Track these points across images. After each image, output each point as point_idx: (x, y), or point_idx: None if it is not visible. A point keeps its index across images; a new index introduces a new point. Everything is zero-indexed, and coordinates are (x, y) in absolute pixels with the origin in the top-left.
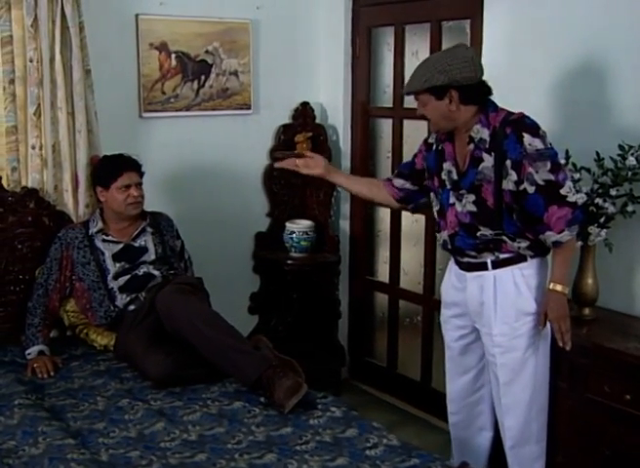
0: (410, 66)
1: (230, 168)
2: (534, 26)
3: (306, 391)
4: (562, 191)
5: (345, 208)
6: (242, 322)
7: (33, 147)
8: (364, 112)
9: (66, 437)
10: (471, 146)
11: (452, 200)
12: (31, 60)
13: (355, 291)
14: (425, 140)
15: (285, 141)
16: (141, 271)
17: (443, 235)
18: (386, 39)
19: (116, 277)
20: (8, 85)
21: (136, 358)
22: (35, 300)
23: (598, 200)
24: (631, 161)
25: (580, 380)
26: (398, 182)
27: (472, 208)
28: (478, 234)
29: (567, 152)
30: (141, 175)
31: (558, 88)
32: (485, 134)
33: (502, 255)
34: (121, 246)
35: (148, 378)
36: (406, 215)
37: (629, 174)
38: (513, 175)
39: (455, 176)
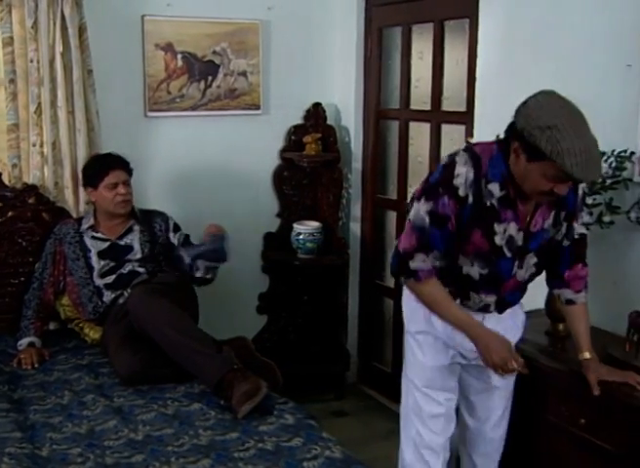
0: (415, 68)
1: (239, 168)
2: (528, 25)
3: (267, 395)
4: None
5: (356, 209)
6: (251, 321)
7: (34, 145)
8: (375, 114)
9: (15, 430)
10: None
11: (514, 270)
12: (32, 61)
13: (364, 294)
14: (455, 193)
15: (295, 142)
16: (127, 269)
17: (487, 299)
18: (396, 40)
19: (102, 275)
20: (9, 84)
21: (109, 354)
22: (30, 293)
23: None
24: (604, 168)
25: (541, 402)
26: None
27: (533, 269)
28: (527, 286)
29: None
30: (130, 172)
31: (547, 87)
32: None
33: None
34: (107, 244)
35: (118, 375)
36: None
37: (607, 182)
38: (564, 228)
39: (519, 242)
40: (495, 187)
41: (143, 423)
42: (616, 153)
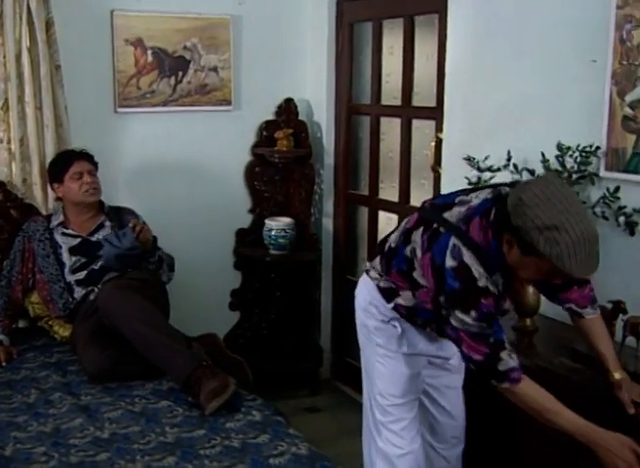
0: (386, 64)
1: (211, 164)
2: (495, 21)
3: (235, 393)
4: None
5: (328, 205)
6: (223, 318)
7: (1, 141)
8: (347, 109)
9: None
10: None
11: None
12: None
13: (337, 290)
14: (486, 292)
15: (267, 138)
16: (98, 265)
17: None
18: (367, 35)
19: (73, 271)
20: None
21: (77, 352)
22: None
23: None
24: (569, 162)
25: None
26: None
27: None
28: None
29: (508, 152)
30: (95, 164)
31: (516, 83)
32: None
33: None
34: (79, 240)
35: (86, 373)
36: (382, 215)
37: (573, 176)
38: None
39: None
40: (497, 277)
41: (110, 421)
42: (581, 148)
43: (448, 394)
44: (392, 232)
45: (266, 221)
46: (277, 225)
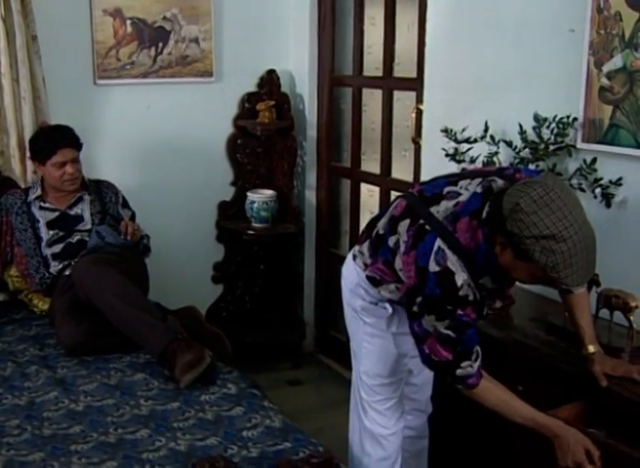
0: (368, 34)
1: (192, 136)
2: None
3: (211, 365)
4: None
5: (311, 178)
6: (206, 291)
7: None
8: (329, 80)
9: None
10: None
11: None
12: None
13: (320, 263)
14: (465, 301)
15: (250, 110)
16: (75, 239)
17: None
18: (348, 5)
19: (50, 244)
20: None
21: (55, 325)
22: None
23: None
24: (546, 134)
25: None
26: None
27: None
28: None
29: (485, 123)
30: (79, 148)
31: (494, 54)
32: None
33: None
34: (57, 214)
35: (62, 346)
36: (364, 187)
37: (550, 148)
38: None
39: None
40: (487, 281)
41: (85, 394)
42: (558, 119)
43: (423, 372)
44: (381, 215)
45: (249, 194)
46: (259, 198)
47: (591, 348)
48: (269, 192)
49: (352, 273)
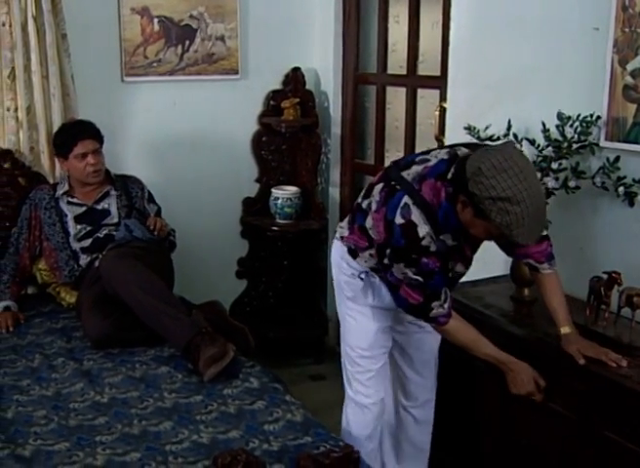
0: (392, 32)
1: (218, 133)
2: None
3: (234, 359)
4: None
5: (335, 174)
6: (230, 286)
7: (8, 109)
8: (353, 78)
9: None
10: None
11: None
12: (4, 24)
13: None
14: (427, 251)
15: (274, 107)
16: (103, 233)
17: None
18: (373, 3)
19: (79, 239)
20: None
21: (81, 318)
22: (6, 258)
23: (539, 174)
24: (569, 132)
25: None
26: None
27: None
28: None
29: (508, 122)
30: (101, 140)
31: (518, 52)
32: None
33: None
34: (84, 208)
35: (88, 339)
36: None
37: (574, 146)
38: None
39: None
40: (447, 238)
41: (110, 386)
42: (581, 117)
43: (420, 351)
44: None
45: (273, 190)
46: (284, 194)
47: (566, 329)
48: (293, 189)
49: (337, 250)
